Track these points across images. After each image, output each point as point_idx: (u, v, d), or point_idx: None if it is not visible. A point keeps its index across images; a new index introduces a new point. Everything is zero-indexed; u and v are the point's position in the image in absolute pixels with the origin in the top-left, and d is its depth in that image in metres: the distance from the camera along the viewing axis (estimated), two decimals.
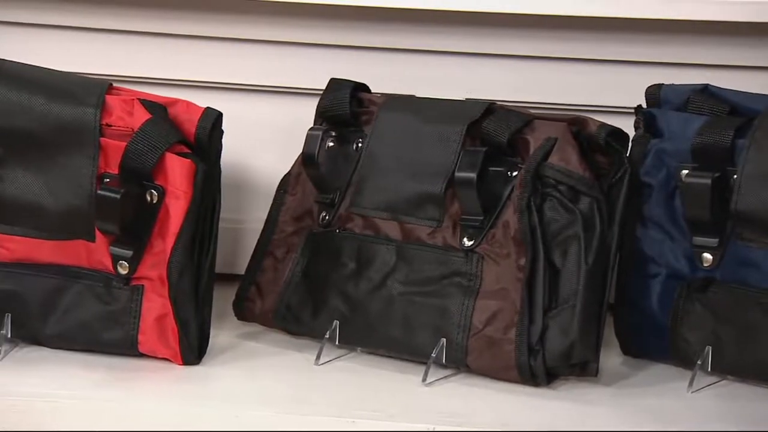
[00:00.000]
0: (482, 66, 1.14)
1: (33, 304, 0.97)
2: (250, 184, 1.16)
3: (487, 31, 1.13)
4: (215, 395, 0.92)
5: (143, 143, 0.94)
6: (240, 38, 1.11)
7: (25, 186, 0.96)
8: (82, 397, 0.90)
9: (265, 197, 1.12)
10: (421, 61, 1.14)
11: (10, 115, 0.95)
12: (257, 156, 1.15)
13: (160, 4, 1.11)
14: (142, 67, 1.11)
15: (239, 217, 1.15)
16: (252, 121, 1.14)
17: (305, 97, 1.13)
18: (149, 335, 0.96)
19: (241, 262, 1.12)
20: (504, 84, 1.14)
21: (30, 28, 1.12)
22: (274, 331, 1.04)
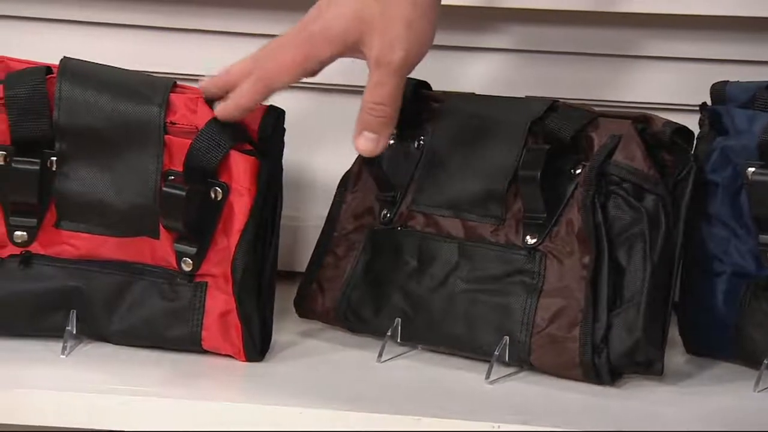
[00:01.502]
0: (545, 64, 1.14)
1: (98, 300, 0.98)
2: (308, 181, 1.17)
3: (547, 28, 1.12)
4: (279, 392, 0.92)
5: (208, 141, 0.95)
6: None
7: (91, 183, 0.97)
8: (147, 393, 0.91)
9: (324, 195, 1.12)
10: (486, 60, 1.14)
11: (75, 113, 0.96)
12: (316, 154, 1.16)
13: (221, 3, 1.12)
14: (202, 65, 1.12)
15: (298, 215, 1.16)
16: (310, 119, 1.15)
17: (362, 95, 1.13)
18: (213, 332, 0.97)
19: (301, 259, 1.12)
20: (566, 81, 1.14)
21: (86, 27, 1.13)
22: (334, 328, 1.05)
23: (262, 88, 0.94)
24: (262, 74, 0.94)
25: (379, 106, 0.93)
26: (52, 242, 0.98)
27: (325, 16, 0.93)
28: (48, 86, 0.96)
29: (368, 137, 0.94)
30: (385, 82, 0.92)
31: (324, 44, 0.93)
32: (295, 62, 0.93)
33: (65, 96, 0.95)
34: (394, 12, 0.91)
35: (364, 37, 0.92)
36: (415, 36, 0.92)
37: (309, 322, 1.06)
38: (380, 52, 0.91)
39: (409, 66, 0.93)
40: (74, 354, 0.97)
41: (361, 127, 0.94)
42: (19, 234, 0.98)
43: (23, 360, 0.95)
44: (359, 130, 0.94)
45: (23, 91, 0.95)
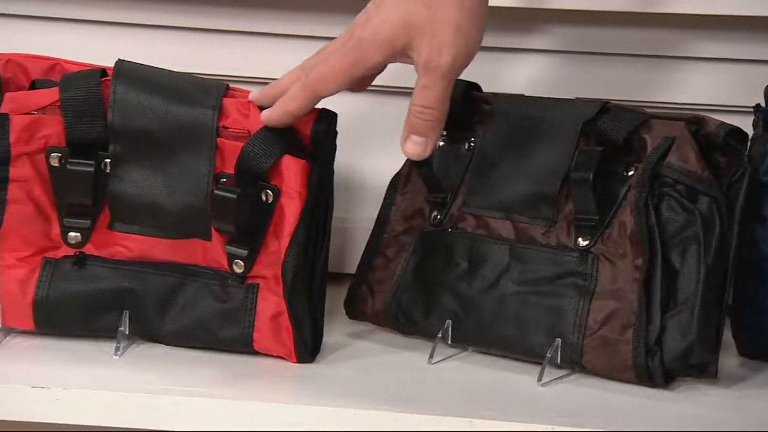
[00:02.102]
0: (592, 65, 1.14)
1: (150, 301, 0.98)
2: (358, 183, 1.17)
3: (593, 29, 1.12)
4: (331, 393, 0.92)
5: (260, 146, 0.95)
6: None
7: (144, 185, 0.98)
8: (199, 394, 0.91)
9: (373, 197, 1.13)
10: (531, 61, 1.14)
11: (129, 115, 0.96)
12: (365, 155, 1.16)
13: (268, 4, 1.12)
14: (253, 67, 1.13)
15: (347, 216, 1.16)
16: (359, 121, 1.15)
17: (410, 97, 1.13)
18: (264, 333, 0.97)
19: (350, 261, 1.13)
20: (613, 83, 1.13)
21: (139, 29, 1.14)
22: (384, 329, 1.05)
23: (310, 94, 0.95)
24: (310, 81, 0.94)
25: (427, 110, 0.93)
26: (105, 243, 0.99)
27: (374, 22, 0.93)
28: (103, 89, 0.96)
29: (416, 141, 0.94)
30: (433, 85, 0.92)
31: (373, 50, 0.93)
32: (343, 68, 0.94)
33: (120, 98, 0.96)
34: (443, 16, 0.91)
35: (413, 42, 0.92)
36: (463, 40, 0.92)
37: (358, 323, 1.06)
38: (429, 57, 0.92)
39: (457, 70, 0.93)
40: (127, 354, 0.98)
41: (409, 131, 0.94)
42: (73, 235, 0.99)
43: (77, 360, 0.96)
44: (407, 133, 0.94)
45: (79, 93, 0.96)
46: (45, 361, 0.96)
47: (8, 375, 0.93)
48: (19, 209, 0.97)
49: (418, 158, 0.95)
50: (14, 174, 0.97)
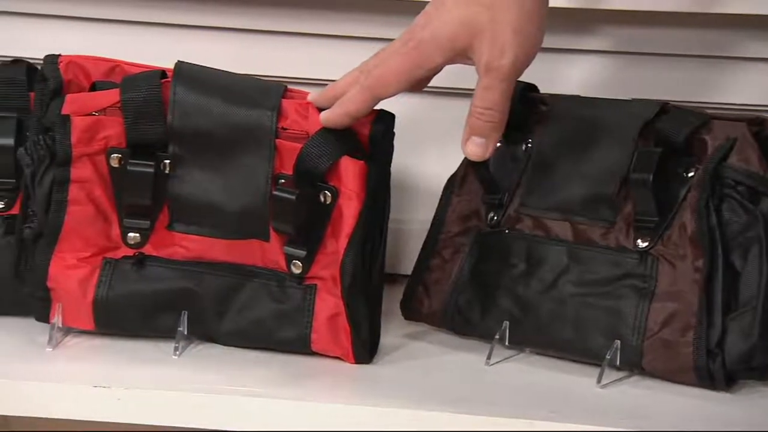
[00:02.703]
0: (646, 66, 1.14)
1: (209, 302, 0.99)
2: (412, 184, 1.17)
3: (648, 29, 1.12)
4: (390, 394, 0.93)
5: (319, 147, 0.95)
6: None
7: (203, 186, 0.98)
8: (258, 394, 0.92)
9: (426, 198, 1.13)
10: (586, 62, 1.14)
11: (189, 116, 0.97)
12: (419, 157, 1.16)
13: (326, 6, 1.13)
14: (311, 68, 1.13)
15: (401, 218, 1.16)
16: (413, 122, 1.15)
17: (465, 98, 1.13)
18: (322, 334, 0.98)
19: (404, 262, 1.13)
20: (668, 83, 1.13)
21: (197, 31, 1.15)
22: (439, 330, 1.05)
23: (369, 96, 0.95)
24: (370, 82, 0.95)
25: (488, 111, 0.93)
26: (164, 244, 1.00)
27: (434, 24, 0.93)
28: (163, 90, 0.97)
29: (477, 142, 0.94)
30: (494, 87, 0.92)
31: (433, 51, 0.93)
32: (403, 70, 0.94)
33: (179, 100, 0.97)
34: (503, 17, 0.91)
35: (473, 43, 0.92)
36: (523, 41, 0.92)
37: (414, 324, 1.06)
38: (489, 58, 0.92)
39: (518, 71, 0.93)
40: (185, 354, 0.98)
41: (470, 132, 0.94)
42: (133, 236, 0.99)
43: (136, 360, 0.97)
44: (468, 134, 0.94)
45: (139, 95, 0.97)
46: (105, 360, 0.96)
47: (70, 374, 0.94)
48: (79, 210, 0.98)
49: (479, 159, 0.95)
50: (75, 175, 0.97)
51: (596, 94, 1.07)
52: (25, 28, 1.14)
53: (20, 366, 0.95)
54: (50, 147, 0.97)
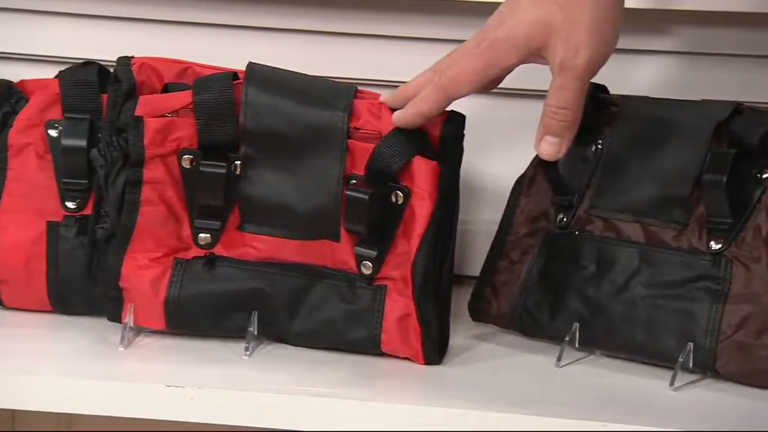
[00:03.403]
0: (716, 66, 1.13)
1: (279, 302, 0.99)
2: (477, 185, 1.17)
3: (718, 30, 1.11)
4: (461, 395, 0.93)
5: (391, 147, 0.96)
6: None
7: (274, 187, 0.99)
8: (330, 394, 0.92)
9: (492, 199, 1.13)
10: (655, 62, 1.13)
11: (261, 117, 0.97)
12: (484, 158, 1.16)
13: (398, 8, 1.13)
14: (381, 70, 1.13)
15: (467, 218, 1.16)
16: (479, 123, 1.14)
17: (531, 99, 1.13)
18: (392, 335, 0.98)
19: (470, 263, 1.13)
20: (738, 84, 1.12)
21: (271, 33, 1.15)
22: (507, 332, 1.05)
23: (443, 96, 0.95)
24: (443, 82, 0.95)
25: (563, 111, 0.93)
26: (234, 244, 1.00)
27: (509, 23, 0.93)
28: (234, 92, 0.97)
29: (551, 141, 0.94)
30: (569, 86, 0.92)
31: (507, 51, 0.93)
32: (477, 70, 0.94)
33: (251, 101, 0.97)
34: (578, 16, 0.91)
35: (548, 43, 0.92)
36: (598, 40, 0.92)
37: (481, 325, 1.06)
38: (564, 57, 0.91)
39: (593, 70, 0.92)
40: (256, 355, 0.99)
41: (543, 132, 0.94)
42: (204, 236, 1.00)
43: (208, 360, 0.97)
44: (542, 134, 0.94)
45: (211, 96, 0.97)
46: (177, 360, 0.97)
47: (143, 374, 0.94)
48: (152, 210, 0.99)
49: (553, 158, 0.95)
50: (148, 176, 0.98)
51: (666, 94, 1.06)
52: (96, 30, 1.15)
53: (94, 365, 0.95)
54: (123, 148, 0.98)
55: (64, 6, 1.14)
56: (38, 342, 1.00)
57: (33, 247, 1.02)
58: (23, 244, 1.02)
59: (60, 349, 0.98)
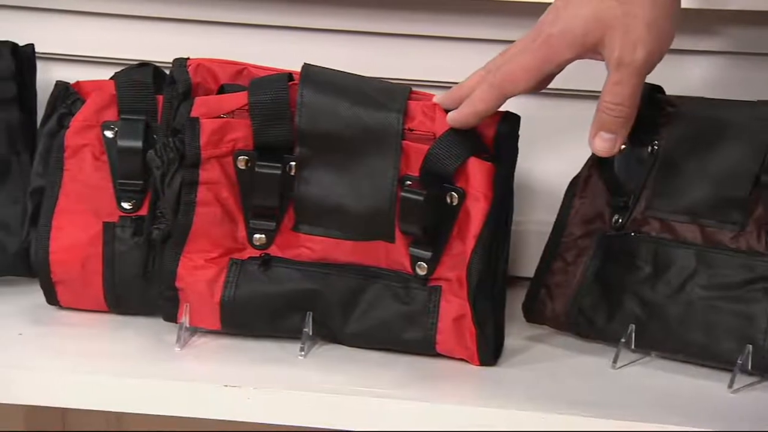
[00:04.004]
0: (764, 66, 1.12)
1: (334, 303, 0.99)
2: (528, 186, 1.17)
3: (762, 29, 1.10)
4: (518, 396, 0.92)
5: (446, 148, 0.96)
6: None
7: (329, 188, 0.99)
8: (386, 395, 0.92)
9: (543, 200, 1.13)
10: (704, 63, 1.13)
11: (317, 119, 0.98)
12: (535, 158, 1.16)
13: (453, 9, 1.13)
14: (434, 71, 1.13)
15: (518, 219, 1.15)
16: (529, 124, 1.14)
17: (582, 99, 1.13)
18: (447, 335, 0.98)
19: (522, 264, 1.13)
20: None
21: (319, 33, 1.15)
22: (561, 333, 1.04)
23: (498, 94, 0.95)
24: (498, 80, 0.94)
25: (619, 107, 0.92)
26: (289, 245, 1.00)
27: (564, 18, 0.93)
28: (290, 93, 0.98)
29: (605, 137, 0.94)
30: (625, 82, 0.92)
31: (563, 46, 0.93)
32: (532, 67, 0.93)
33: (307, 102, 0.97)
34: (636, 12, 0.91)
35: (605, 39, 0.91)
36: (656, 36, 0.91)
37: (535, 326, 1.05)
38: (622, 53, 0.91)
39: (650, 66, 0.92)
40: (311, 355, 0.99)
41: (598, 128, 0.94)
42: (259, 237, 1.00)
43: (264, 360, 0.97)
44: (596, 130, 0.94)
45: (267, 97, 0.98)
46: (233, 360, 0.97)
47: (200, 374, 0.95)
48: (207, 211, 0.99)
49: (607, 155, 0.94)
50: (204, 177, 0.99)
51: (718, 95, 1.05)
52: (151, 31, 1.15)
53: (151, 365, 0.96)
54: (180, 149, 0.98)
55: (119, 8, 1.14)
56: (96, 342, 1.01)
57: (89, 248, 1.03)
58: (80, 245, 1.03)
59: (117, 349, 0.99)
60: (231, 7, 1.14)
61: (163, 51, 1.09)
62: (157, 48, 1.13)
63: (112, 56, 1.15)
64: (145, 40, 1.15)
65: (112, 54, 1.15)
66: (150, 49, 1.13)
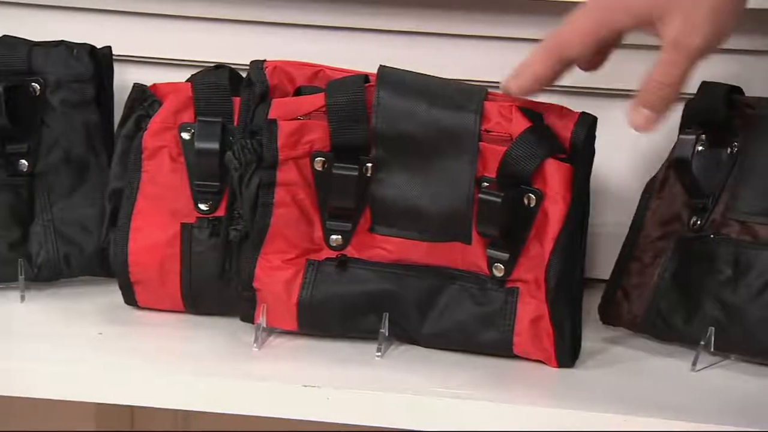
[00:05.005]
0: None
1: (410, 304, 0.99)
2: (601, 187, 1.16)
3: None
4: (597, 398, 0.92)
5: (524, 149, 0.95)
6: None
7: (405, 189, 0.99)
8: (465, 396, 0.92)
9: (616, 201, 1.12)
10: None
11: (393, 120, 0.98)
12: (607, 160, 1.15)
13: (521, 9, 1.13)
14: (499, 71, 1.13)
15: (592, 221, 1.14)
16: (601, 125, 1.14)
17: None
18: (524, 337, 0.97)
19: (596, 265, 1.12)
20: None
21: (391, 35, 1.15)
22: (637, 335, 1.03)
23: (555, 56, 0.94)
24: (554, 42, 0.93)
25: (666, 87, 0.91)
26: (365, 246, 1.01)
27: None
28: (366, 94, 0.98)
29: (644, 113, 0.92)
30: (678, 63, 0.90)
31: (622, 12, 0.91)
32: (588, 31, 0.92)
33: (384, 103, 0.98)
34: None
35: (666, 15, 0.90)
36: (718, 24, 0.90)
37: (609, 328, 1.05)
38: (680, 34, 0.90)
39: (707, 52, 0.90)
40: (387, 356, 0.99)
41: (640, 102, 0.92)
42: (335, 238, 1.00)
43: (341, 360, 0.98)
44: (638, 104, 0.92)
45: (344, 99, 0.98)
46: (311, 360, 0.98)
47: (279, 374, 0.95)
48: (285, 212, 1.00)
49: (643, 131, 0.93)
50: (281, 178, 0.99)
51: None
52: (226, 33, 1.16)
53: (230, 365, 0.97)
54: (257, 151, 0.99)
55: (195, 10, 1.15)
56: (174, 342, 1.02)
57: (167, 249, 1.04)
58: (158, 246, 1.04)
59: (196, 349, 1.00)
60: (304, 8, 1.14)
61: (238, 53, 1.10)
62: (231, 50, 1.14)
63: (186, 58, 1.15)
64: (219, 42, 1.16)
65: (186, 56, 1.16)
66: (224, 51, 1.14)
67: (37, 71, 1.08)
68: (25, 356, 0.97)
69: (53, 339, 1.00)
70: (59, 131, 1.09)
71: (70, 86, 1.08)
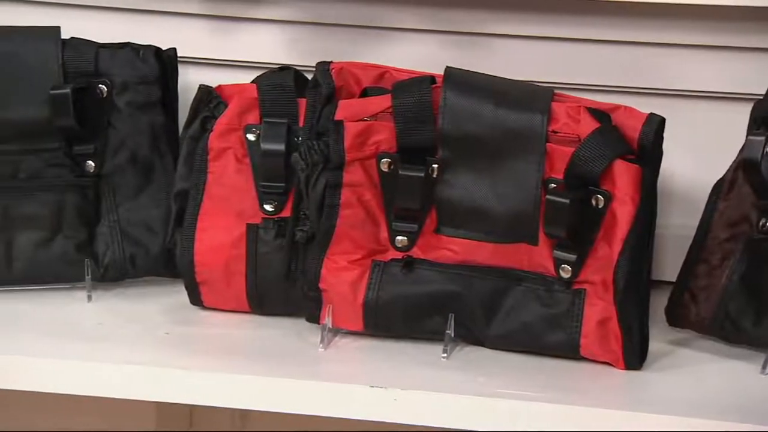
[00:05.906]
0: None
1: (476, 305, 0.99)
2: (665, 189, 1.15)
3: None
4: (667, 401, 0.92)
5: (592, 150, 0.95)
6: (677, 43, 1.11)
7: (472, 190, 0.99)
8: (533, 398, 0.92)
9: (680, 203, 1.11)
10: None
11: (459, 121, 0.98)
12: (673, 161, 1.14)
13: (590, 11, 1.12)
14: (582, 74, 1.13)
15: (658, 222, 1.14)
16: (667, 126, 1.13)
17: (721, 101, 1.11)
18: (591, 339, 0.97)
19: (661, 267, 1.11)
20: None
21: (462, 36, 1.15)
22: (704, 337, 1.03)
23: None
24: None
25: None
26: (431, 247, 1.00)
27: None
28: (433, 95, 0.98)
29: None
30: None
31: None
32: None
33: (450, 104, 0.98)
34: None
35: None
36: None
37: (676, 330, 1.04)
38: None
39: None
40: (453, 357, 0.99)
41: None
42: (401, 239, 1.00)
43: (407, 361, 0.98)
44: None
45: (410, 100, 0.98)
46: (377, 361, 0.98)
47: (346, 374, 0.96)
48: (351, 213, 1.00)
49: None
50: (347, 179, 0.99)
51: None
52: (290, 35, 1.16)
53: (296, 365, 0.97)
54: (324, 152, 0.99)
55: (260, 12, 1.16)
56: (240, 342, 1.02)
57: (233, 249, 1.04)
58: (223, 246, 1.04)
59: (261, 349, 1.00)
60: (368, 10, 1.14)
61: (303, 55, 1.10)
62: (295, 52, 1.14)
63: (252, 60, 1.16)
64: (284, 43, 1.16)
65: (251, 58, 1.16)
66: (288, 52, 1.14)
67: (103, 73, 1.09)
68: (93, 356, 0.98)
69: (120, 339, 1.01)
70: (125, 132, 1.10)
71: (136, 88, 1.10)
